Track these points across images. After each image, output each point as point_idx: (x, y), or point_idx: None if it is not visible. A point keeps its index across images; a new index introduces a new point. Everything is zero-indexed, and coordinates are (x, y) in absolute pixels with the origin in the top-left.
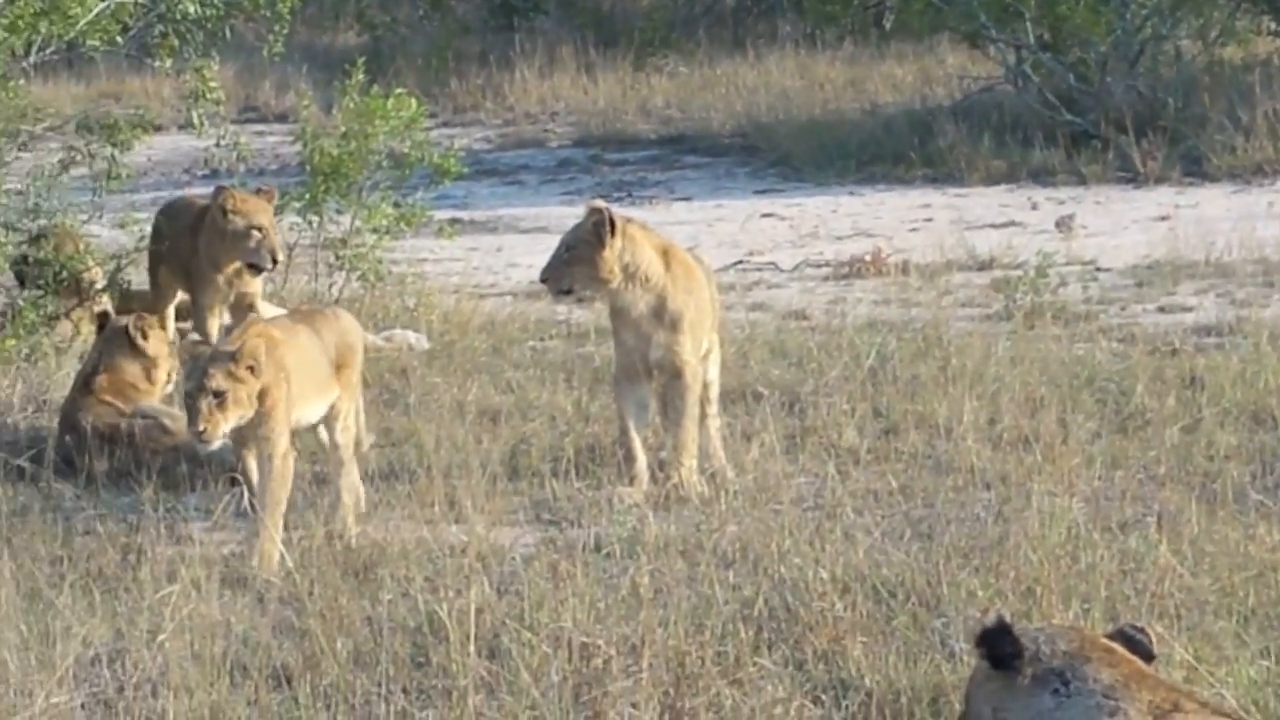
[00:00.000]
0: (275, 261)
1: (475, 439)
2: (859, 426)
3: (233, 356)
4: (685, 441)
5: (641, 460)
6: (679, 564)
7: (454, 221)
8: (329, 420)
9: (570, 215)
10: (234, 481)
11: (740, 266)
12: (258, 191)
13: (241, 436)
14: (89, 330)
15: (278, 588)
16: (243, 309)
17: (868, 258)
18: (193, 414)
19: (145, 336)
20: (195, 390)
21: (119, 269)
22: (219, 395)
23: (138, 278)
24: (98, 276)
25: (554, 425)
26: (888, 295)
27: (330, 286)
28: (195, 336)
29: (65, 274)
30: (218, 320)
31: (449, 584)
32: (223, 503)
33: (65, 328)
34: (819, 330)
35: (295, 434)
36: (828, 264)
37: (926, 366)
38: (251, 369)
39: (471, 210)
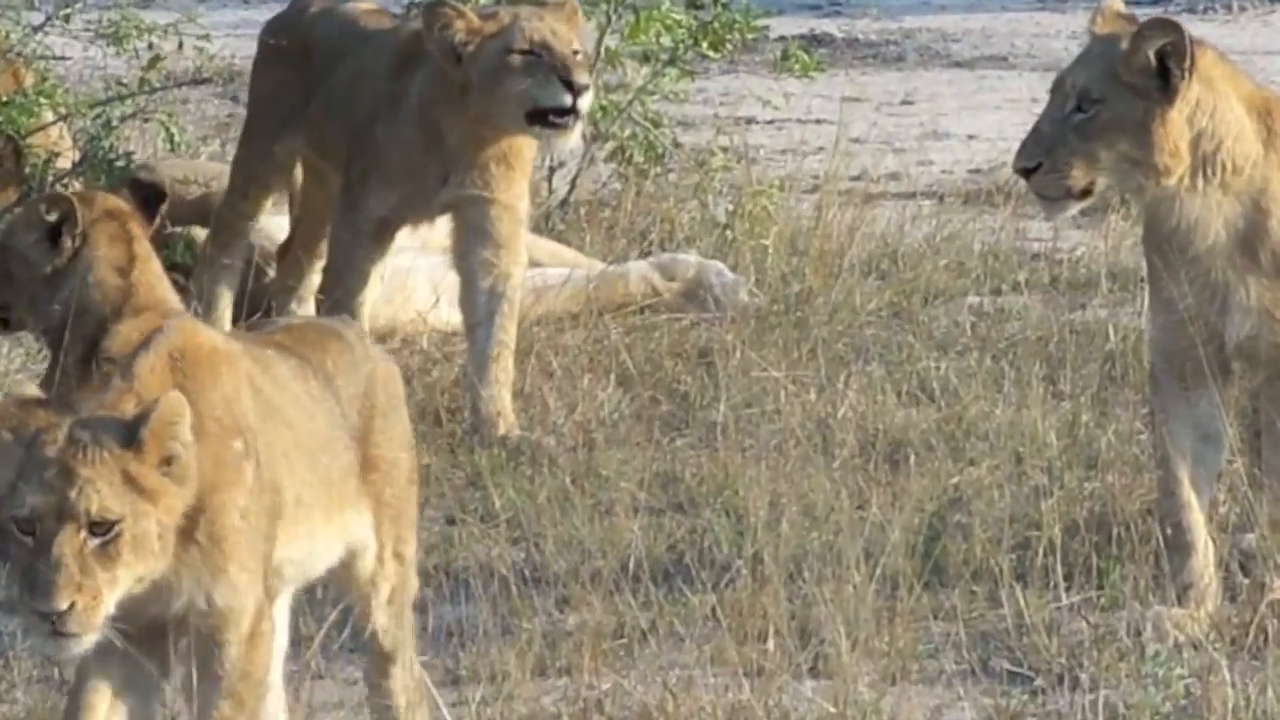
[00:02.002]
0: (576, 97)
1: (857, 481)
2: None
3: (130, 431)
4: None
5: (1203, 548)
6: None
7: (814, 42)
8: (351, 567)
9: (1061, 32)
10: None
11: None
12: None
13: (150, 599)
14: None
15: None
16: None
17: None
18: (41, 578)
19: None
20: (47, 515)
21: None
22: (103, 529)
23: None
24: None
25: (1017, 472)
26: None
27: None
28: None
29: None
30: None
31: None
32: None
33: None
34: None
35: (273, 586)
36: None
37: None
38: (170, 460)
39: (847, 20)
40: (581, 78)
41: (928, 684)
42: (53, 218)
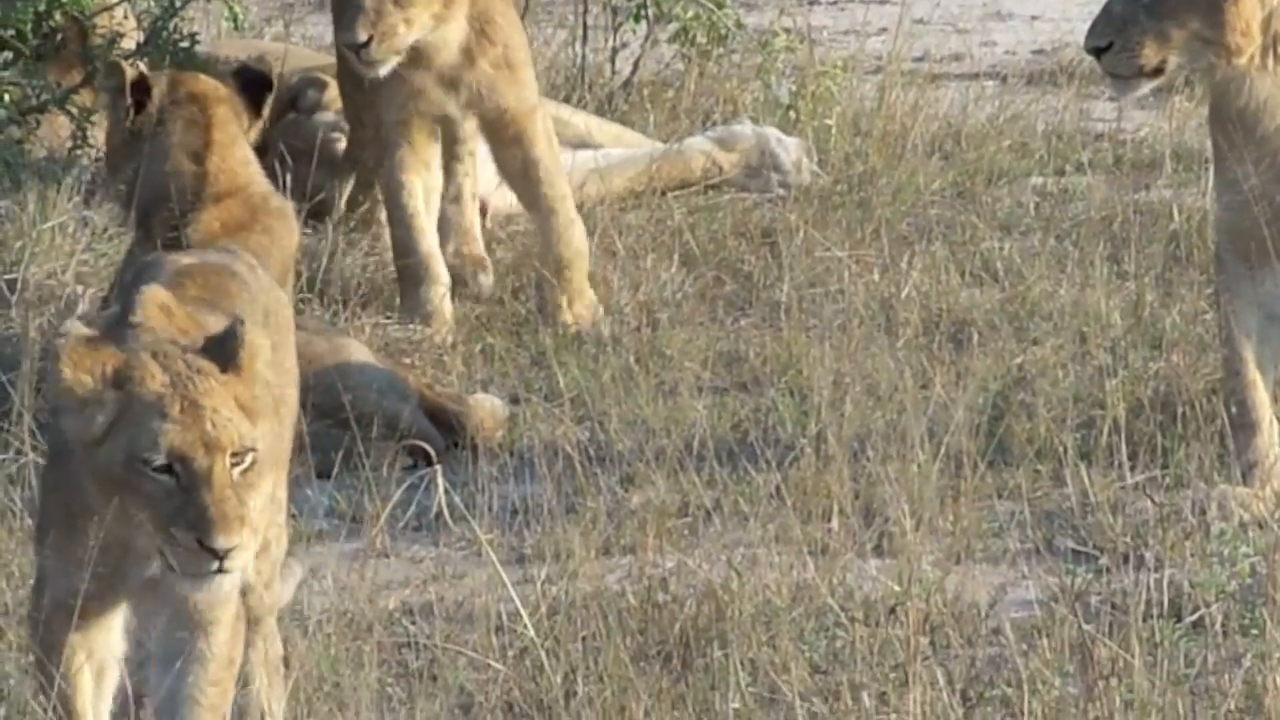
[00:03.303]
0: None
1: (921, 361)
2: None
3: (225, 355)
4: None
5: (1269, 428)
6: None
7: None
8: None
9: None
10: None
11: None
12: None
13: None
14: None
15: None
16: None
17: None
18: (209, 514)
19: None
20: (192, 451)
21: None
22: (239, 458)
23: None
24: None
25: (1081, 352)
26: None
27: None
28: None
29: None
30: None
31: None
32: None
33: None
34: None
35: None
36: None
37: None
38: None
39: None
40: None
41: (992, 563)
42: (110, 84)
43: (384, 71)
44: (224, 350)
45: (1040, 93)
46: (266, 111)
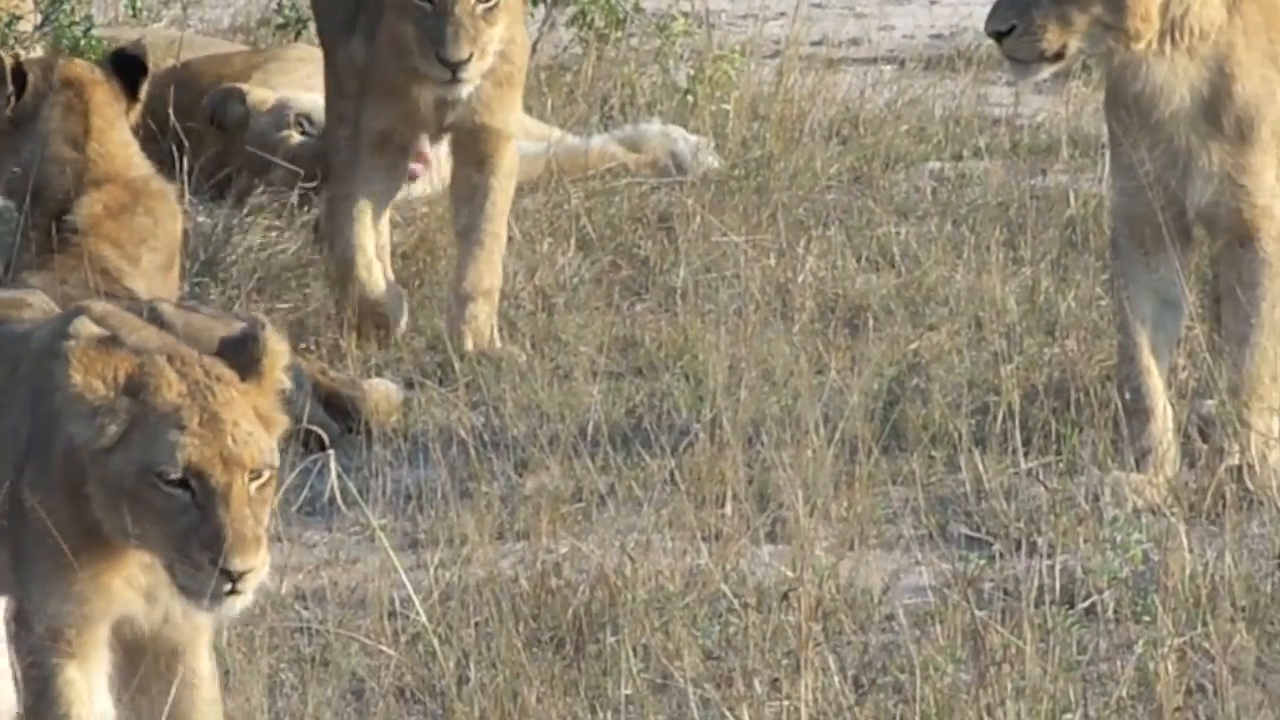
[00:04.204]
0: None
1: (817, 346)
2: None
3: (246, 363)
4: (1258, 374)
5: (1163, 414)
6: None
7: None
8: None
9: None
10: None
11: None
12: None
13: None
14: None
15: None
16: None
17: None
18: (225, 533)
19: None
20: (209, 467)
21: None
22: (256, 474)
23: None
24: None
25: (977, 338)
26: None
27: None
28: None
29: None
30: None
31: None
32: None
33: None
34: None
35: None
36: None
37: None
38: (281, 390)
39: None
40: None
41: (885, 549)
42: None
43: (466, 92)
44: (244, 356)
45: (938, 78)
46: (143, 95)
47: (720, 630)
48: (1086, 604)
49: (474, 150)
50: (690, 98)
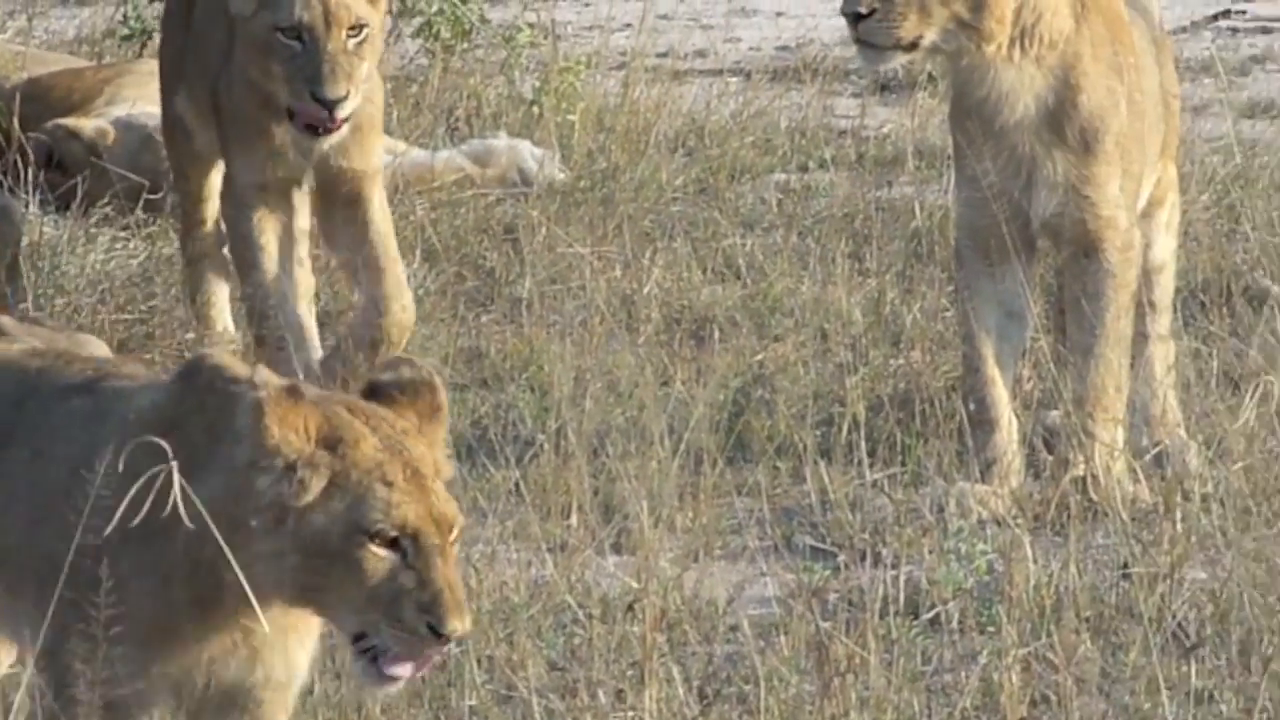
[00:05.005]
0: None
1: (662, 358)
2: None
3: (427, 401)
4: (1102, 385)
5: (1007, 424)
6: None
7: None
8: None
9: None
10: None
11: (1226, 21)
12: None
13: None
14: None
15: None
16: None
17: None
18: (449, 594)
19: None
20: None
21: None
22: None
23: None
24: None
25: (822, 349)
26: None
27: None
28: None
29: None
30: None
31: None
32: None
33: None
34: None
35: None
36: None
37: None
38: None
39: None
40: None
41: (730, 560)
42: None
43: (339, 139)
44: (426, 404)
45: (784, 89)
46: None
47: (565, 642)
48: (931, 614)
49: (337, 191)
50: (536, 109)
